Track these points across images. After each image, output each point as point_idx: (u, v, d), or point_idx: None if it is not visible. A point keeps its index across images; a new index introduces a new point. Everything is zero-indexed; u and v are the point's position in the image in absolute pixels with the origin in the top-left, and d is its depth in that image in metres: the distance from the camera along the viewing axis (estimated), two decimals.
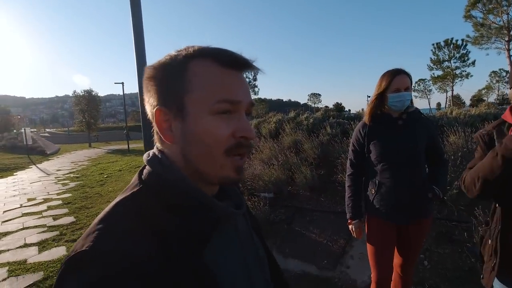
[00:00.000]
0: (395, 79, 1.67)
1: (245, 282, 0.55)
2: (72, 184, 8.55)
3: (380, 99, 1.74)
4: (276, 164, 4.53)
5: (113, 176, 9.45)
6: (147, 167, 0.54)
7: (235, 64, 0.51)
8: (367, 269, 2.57)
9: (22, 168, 12.99)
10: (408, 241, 1.82)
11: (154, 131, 0.55)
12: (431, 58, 34.01)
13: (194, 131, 0.49)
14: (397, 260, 1.89)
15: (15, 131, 32.79)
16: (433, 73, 34.94)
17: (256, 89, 70.15)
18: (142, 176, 0.53)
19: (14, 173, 11.50)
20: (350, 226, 1.93)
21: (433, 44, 33.28)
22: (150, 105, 0.52)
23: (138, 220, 0.45)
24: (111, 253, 0.39)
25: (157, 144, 0.55)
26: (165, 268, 0.42)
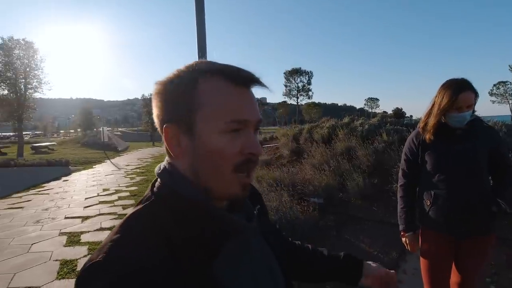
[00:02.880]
0: (460, 97, 1.55)
1: None
2: (138, 178, 9.53)
3: (442, 115, 1.64)
4: (327, 170, 4.48)
5: None
6: (158, 179, 0.55)
7: (243, 81, 0.51)
8: (420, 287, 2.41)
9: (99, 162, 14.90)
10: (466, 258, 1.69)
11: (164, 145, 0.55)
12: None
13: (203, 149, 0.49)
14: (454, 278, 1.76)
15: (95, 129, 37.73)
16: None
17: (310, 93, 69.23)
18: (154, 189, 0.54)
19: (93, 166, 13.26)
20: (403, 239, 1.86)
21: None
22: (158, 120, 0.53)
23: (149, 232, 0.46)
24: (121, 264, 0.41)
25: (167, 158, 0.56)
26: (172, 280, 0.43)
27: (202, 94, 0.49)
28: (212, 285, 0.46)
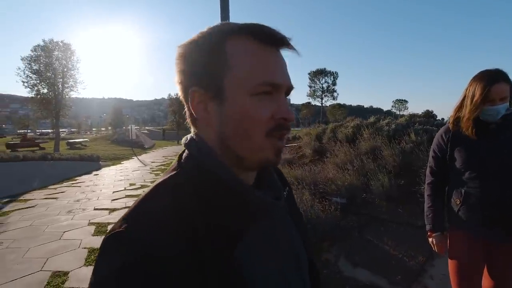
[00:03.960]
0: (493, 88, 1.44)
1: (279, 281, 0.50)
2: (162, 175, 9.83)
3: (475, 110, 1.53)
4: (351, 169, 4.36)
5: None
6: (185, 151, 0.53)
7: (275, 42, 0.48)
8: None
9: (127, 158, 15.54)
10: (501, 262, 1.56)
11: (187, 114, 0.53)
12: None
13: (234, 114, 0.46)
14: (486, 283, 1.64)
15: (124, 128, 39.55)
16: None
17: (335, 94, 67.80)
18: (182, 160, 0.52)
19: (122, 162, 13.86)
20: (430, 239, 1.77)
21: None
22: (182, 85, 0.50)
23: (171, 206, 0.44)
24: (140, 239, 0.39)
25: (193, 128, 0.54)
26: (190, 260, 0.40)
27: (231, 56, 0.46)
28: (233, 271, 0.43)
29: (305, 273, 0.58)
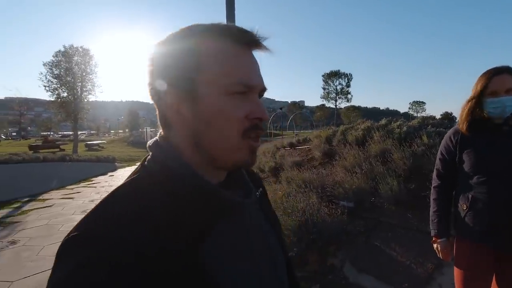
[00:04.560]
0: (493, 80, 1.42)
1: (253, 280, 0.49)
2: None
3: (476, 104, 1.50)
4: (360, 173, 4.27)
5: None
6: (150, 154, 0.52)
7: (247, 42, 0.48)
8: None
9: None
10: (510, 272, 1.49)
11: (158, 116, 0.52)
12: None
13: (208, 113, 0.46)
14: None
15: (140, 130, 40.56)
16: None
17: (349, 96, 66.83)
18: (145, 163, 0.51)
19: (136, 163, 14.04)
20: (435, 245, 1.71)
21: None
22: (155, 87, 0.49)
23: (132, 207, 0.42)
24: (100, 240, 0.38)
25: (161, 131, 0.53)
26: (154, 260, 0.38)
27: (205, 55, 0.46)
28: (200, 271, 0.42)
29: (283, 274, 0.58)
